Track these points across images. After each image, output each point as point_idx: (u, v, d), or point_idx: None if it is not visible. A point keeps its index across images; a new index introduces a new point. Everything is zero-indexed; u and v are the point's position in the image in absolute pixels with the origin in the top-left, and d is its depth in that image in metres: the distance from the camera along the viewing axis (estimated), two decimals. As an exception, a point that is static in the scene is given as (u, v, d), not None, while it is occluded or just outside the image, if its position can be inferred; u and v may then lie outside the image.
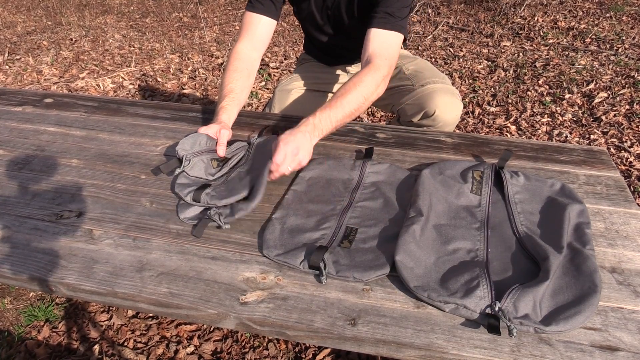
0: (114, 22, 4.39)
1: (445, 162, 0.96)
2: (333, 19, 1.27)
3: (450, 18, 4.00)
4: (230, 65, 1.16)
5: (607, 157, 1.05)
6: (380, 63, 1.07)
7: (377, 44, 1.10)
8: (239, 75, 1.14)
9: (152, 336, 1.34)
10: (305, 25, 1.38)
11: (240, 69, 1.16)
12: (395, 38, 1.11)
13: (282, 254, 0.76)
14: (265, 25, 1.21)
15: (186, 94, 2.84)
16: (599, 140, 2.20)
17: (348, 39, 1.31)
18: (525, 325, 0.63)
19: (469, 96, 2.66)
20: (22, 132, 1.18)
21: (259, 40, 1.22)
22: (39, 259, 0.78)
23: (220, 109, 1.08)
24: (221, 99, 1.10)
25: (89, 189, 0.96)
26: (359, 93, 1.02)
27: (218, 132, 1.00)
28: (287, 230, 0.81)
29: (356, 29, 1.22)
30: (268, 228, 0.82)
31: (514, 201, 0.86)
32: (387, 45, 1.10)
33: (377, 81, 1.05)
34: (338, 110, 1.00)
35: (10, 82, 3.12)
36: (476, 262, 0.73)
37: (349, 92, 1.02)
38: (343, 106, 1.00)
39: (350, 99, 1.01)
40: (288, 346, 1.29)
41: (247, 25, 1.21)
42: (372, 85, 1.04)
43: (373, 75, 1.05)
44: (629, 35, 3.38)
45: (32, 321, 1.39)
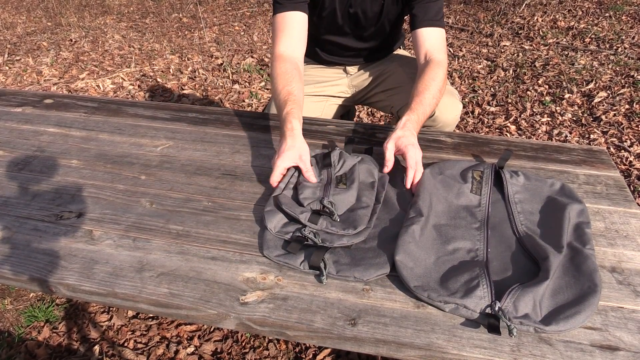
0: (113, 23, 4.39)
1: (445, 162, 0.96)
2: (355, 17, 1.26)
3: (450, 18, 4.00)
4: (278, 70, 1.09)
5: (607, 156, 1.05)
6: (441, 57, 1.14)
7: (432, 41, 1.16)
8: (291, 77, 1.07)
9: (152, 336, 1.34)
10: (319, 26, 1.35)
11: (289, 71, 1.09)
12: (443, 34, 1.18)
13: (282, 255, 0.76)
14: (299, 21, 1.16)
15: (186, 95, 2.84)
16: (599, 139, 2.20)
17: (363, 38, 1.31)
18: (525, 325, 0.63)
19: (469, 96, 2.66)
20: (22, 132, 1.18)
21: (297, 39, 1.16)
22: (39, 259, 0.78)
23: (286, 115, 0.97)
24: (282, 104, 1.01)
25: (89, 190, 0.96)
26: (436, 88, 1.07)
27: (299, 160, 0.91)
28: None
29: (377, 27, 1.23)
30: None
31: (514, 201, 0.86)
32: (440, 41, 1.17)
33: (445, 74, 1.11)
34: (425, 106, 1.03)
35: (10, 82, 3.12)
36: (476, 262, 0.73)
37: (428, 89, 1.06)
38: (428, 102, 1.04)
39: (430, 95, 1.05)
40: (288, 346, 1.29)
41: (281, 26, 1.15)
42: (443, 79, 1.10)
43: (441, 69, 1.11)
44: (629, 35, 3.38)
45: (33, 322, 1.39)
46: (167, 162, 1.04)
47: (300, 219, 0.79)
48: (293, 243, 0.77)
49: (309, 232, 0.77)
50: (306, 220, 0.79)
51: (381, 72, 1.40)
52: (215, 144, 1.11)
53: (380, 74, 1.41)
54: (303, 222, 0.79)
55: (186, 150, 1.09)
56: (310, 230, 0.78)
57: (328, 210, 0.81)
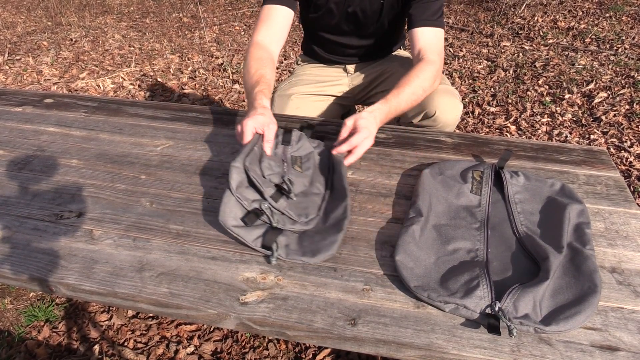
0: (114, 23, 4.39)
1: (445, 162, 0.96)
2: (354, 15, 1.27)
3: (450, 18, 4.00)
4: (253, 55, 1.11)
5: (607, 157, 1.05)
6: (433, 58, 1.11)
7: (425, 40, 1.14)
8: (264, 63, 1.09)
9: (152, 336, 1.34)
10: (316, 24, 1.36)
11: (264, 58, 1.11)
12: (439, 33, 1.16)
13: (238, 227, 0.78)
14: (283, 16, 1.18)
15: (186, 94, 2.84)
16: (599, 140, 2.21)
17: (362, 37, 1.31)
18: (525, 325, 0.63)
19: (469, 96, 2.66)
20: (22, 132, 1.18)
21: (276, 32, 1.18)
22: (39, 259, 0.78)
23: (257, 93, 0.99)
24: (254, 84, 1.02)
25: (89, 189, 0.96)
26: (418, 86, 1.06)
27: (266, 126, 0.92)
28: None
29: (375, 26, 1.23)
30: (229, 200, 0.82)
31: (514, 201, 0.86)
32: (435, 40, 1.15)
33: (434, 74, 1.09)
34: (400, 101, 1.02)
35: (10, 82, 3.12)
36: (476, 262, 0.73)
37: (408, 84, 1.05)
38: (404, 98, 1.03)
39: (410, 90, 1.04)
40: (288, 346, 1.29)
41: (265, 17, 1.18)
42: (430, 79, 1.08)
43: (430, 68, 1.09)
44: (629, 35, 3.38)
45: (32, 321, 1.39)
46: (167, 162, 1.04)
47: (265, 193, 0.82)
48: (251, 214, 0.79)
49: (267, 209, 0.80)
50: (268, 196, 0.82)
51: (382, 72, 1.40)
52: (215, 144, 1.11)
53: (380, 74, 1.41)
54: (266, 197, 0.82)
55: (186, 150, 1.09)
56: (269, 206, 0.81)
57: (287, 187, 0.84)
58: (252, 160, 0.86)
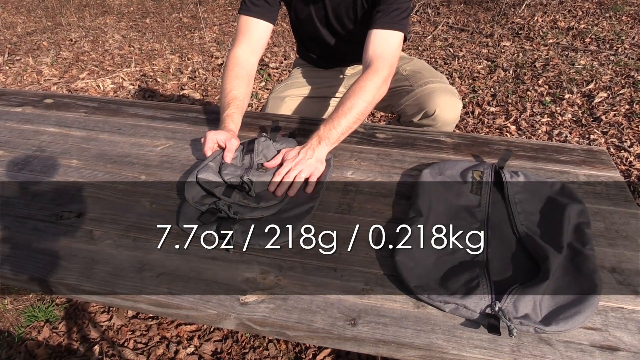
0: (113, 23, 4.39)
1: (445, 162, 0.96)
2: (333, 22, 1.27)
3: (450, 18, 4.00)
4: (230, 72, 1.14)
5: (607, 157, 1.05)
6: (380, 65, 1.07)
7: (377, 44, 1.10)
8: (240, 83, 1.13)
9: (152, 336, 1.34)
10: (301, 31, 1.37)
11: (241, 76, 1.14)
12: (395, 37, 1.11)
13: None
14: (262, 30, 1.20)
15: (186, 95, 2.84)
16: (599, 140, 2.21)
17: (347, 42, 1.31)
18: (525, 325, 0.63)
19: (469, 96, 2.66)
20: (22, 132, 1.18)
21: (256, 45, 1.20)
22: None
23: (226, 117, 1.05)
24: (225, 106, 1.08)
25: (89, 190, 0.96)
26: (361, 99, 1.03)
27: (228, 140, 0.97)
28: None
29: (357, 32, 1.22)
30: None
31: (514, 201, 0.86)
32: (386, 45, 1.10)
33: (378, 84, 1.05)
34: (342, 119, 1.01)
35: (10, 82, 3.12)
36: (476, 262, 0.73)
37: (351, 100, 1.02)
38: (346, 115, 1.01)
39: (352, 106, 1.02)
40: (288, 346, 1.29)
41: (244, 30, 1.20)
42: (373, 90, 1.04)
43: (373, 79, 1.05)
44: (629, 35, 3.38)
45: (32, 322, 1.39)
46: (167, 162, 1.04)
47: (215, 192, 0.85)
48: (206, 214, 0.83)
49: (222, 205, 0.83)
50: (220, 194, 0.85)
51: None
52: (215, 144, 1.11)
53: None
54: (217, 195, 0.85)
55: (186, 150, 1.09)
56: (225, 203, 0.83)
57: (247, 187, 0.86)
58: (207, 173, 0.90)
